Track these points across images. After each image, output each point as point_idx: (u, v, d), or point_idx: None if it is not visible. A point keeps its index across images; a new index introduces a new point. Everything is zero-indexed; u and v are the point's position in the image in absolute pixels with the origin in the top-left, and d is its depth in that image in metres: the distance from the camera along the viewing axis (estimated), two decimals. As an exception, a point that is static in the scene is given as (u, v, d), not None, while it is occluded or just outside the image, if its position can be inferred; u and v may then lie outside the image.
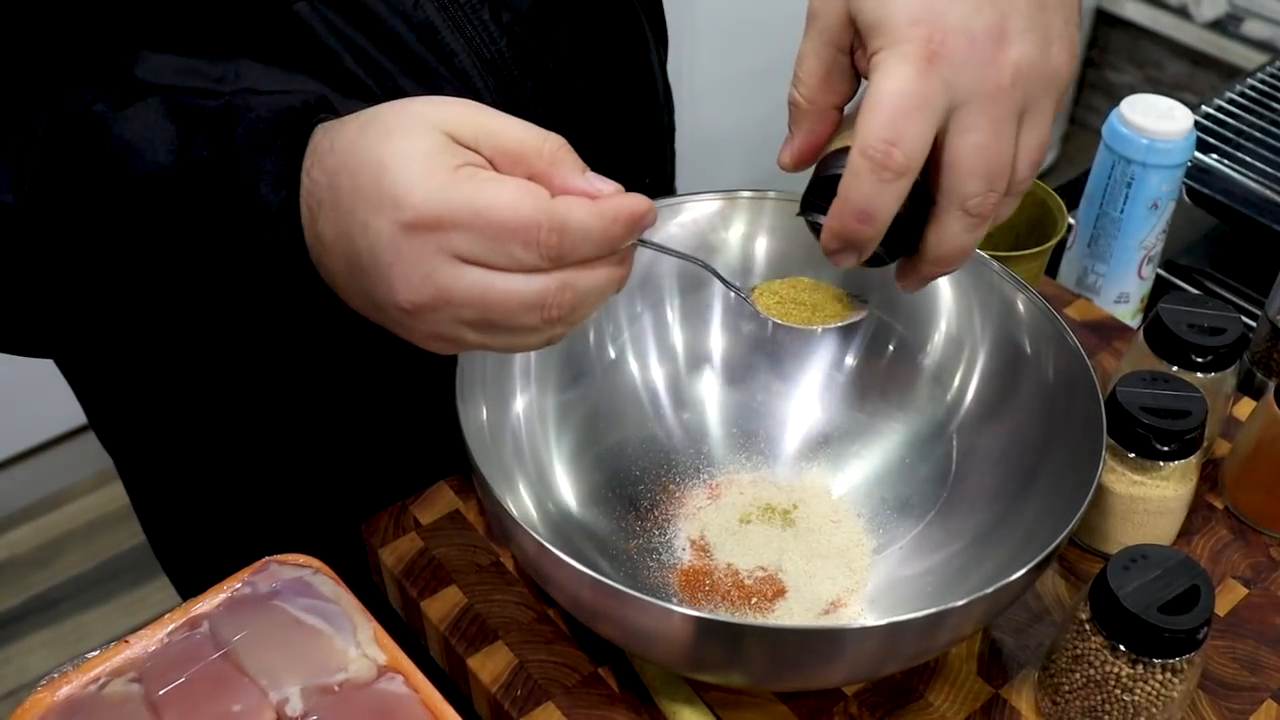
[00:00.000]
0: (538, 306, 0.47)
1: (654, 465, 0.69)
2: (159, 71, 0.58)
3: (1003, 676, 0.62)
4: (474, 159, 0.47)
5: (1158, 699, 0.56)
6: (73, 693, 0.55)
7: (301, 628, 0.57)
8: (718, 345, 0.71)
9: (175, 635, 0.57)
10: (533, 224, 0.45)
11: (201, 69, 0.59)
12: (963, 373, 0.67)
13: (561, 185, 0.47)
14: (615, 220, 0.47)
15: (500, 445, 0.63)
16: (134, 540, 1.83)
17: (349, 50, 0.61)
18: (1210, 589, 0.55)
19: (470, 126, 0.47)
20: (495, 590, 0.65)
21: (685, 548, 0.66)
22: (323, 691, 0.55)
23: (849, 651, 0.53)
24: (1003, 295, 0.65)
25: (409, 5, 0.62)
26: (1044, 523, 0.57)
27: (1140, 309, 0.89)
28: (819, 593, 0.64)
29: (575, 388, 0.68)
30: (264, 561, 0.60)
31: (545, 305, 0.47)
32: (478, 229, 0.45)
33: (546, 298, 0.47)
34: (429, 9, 0.62)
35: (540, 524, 0.62)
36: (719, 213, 0.69)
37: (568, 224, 0.46)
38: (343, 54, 0.60)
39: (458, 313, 0.47)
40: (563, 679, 0.61)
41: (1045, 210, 0.82)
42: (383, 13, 0.61)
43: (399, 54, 0.62)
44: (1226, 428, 0.74)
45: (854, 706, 0.61)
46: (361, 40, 0.61)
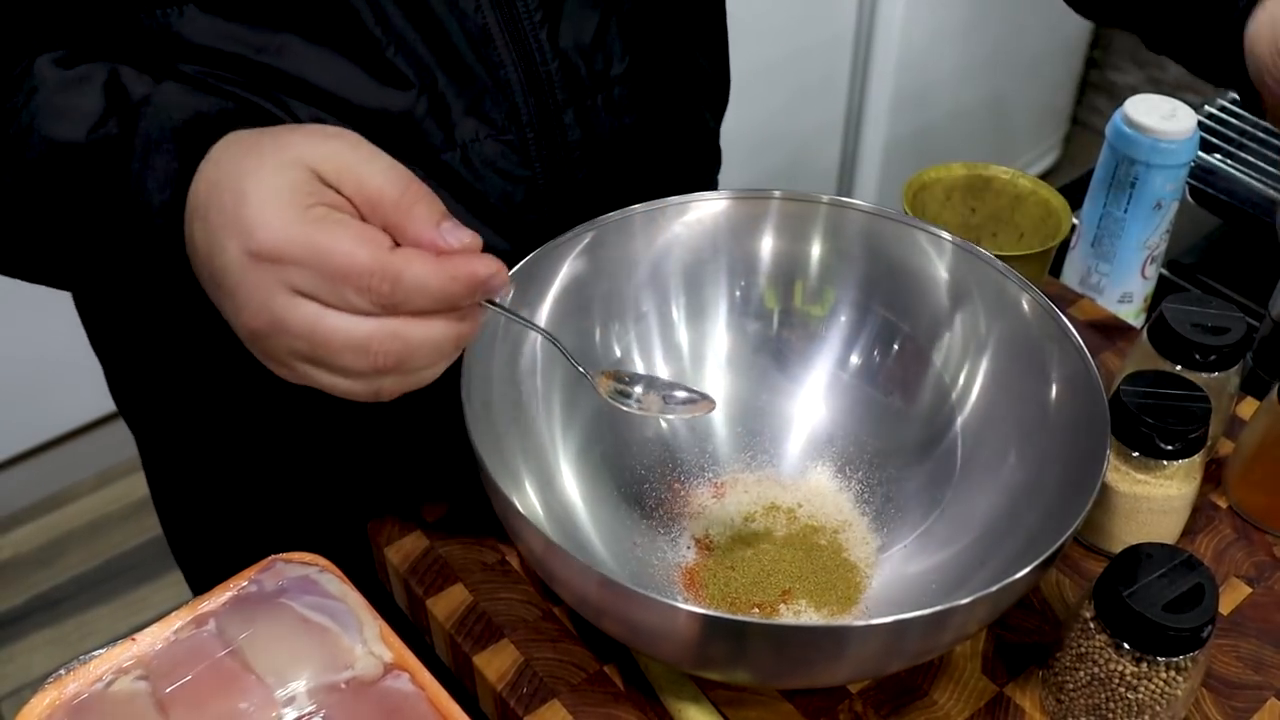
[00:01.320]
0: (364, 350, 0.48)
1: (659, 464, 0.69)
2: (199, 31, 0.59)
3: (1007, 675, 0.62)
4: (332, 199, 0.48)
5: (1161, 697, 0.56)
6: (80, 690, 0.55)
7: (308, 626, 0.57)
8: (723, 344, 0.71)
9: (182, 633, 0.57)
10: (366, 271, 0.46)
11: (243, 36, 0.59)
12: (967, 372, 0.68)
13: (414, 236, 0.48)
14: (454, 279, 0.47)
15: (506, 443, 0.63)
16: (136, 539, 1.83)
17: (394, 41, 0.61)
18: (1214, 588, 0.55)
19: (336, 165, 0.48)
20: (501, 588, 0.65)
21: (690, 546, 0.66)
22: (329, 689, 0.55)
23: (854, 649, 0.53)
24: (1007, 295, 0.65)
25: (470, 8, 0.62)
26: (1048, 521, 0.57)
27: (1144, 309, 0.89)
28: (823, 592, 0.64)
29: (581, 385, 0.68)
30: (270, 560, 0.61)
31: (371, 351, 0.48)
32: (314, 268, 0.47)
33: (372, 344, 0.47)
34: (489, 16, 0.62)
35: (546, 522, 0.62)
36: (724, 212, 0.69)
37: (402, 276, 0.47)
38: (386, 45, 0.61)
39: (290, 343, 0.48)
40: (568, 677, 0.61)
41: (1049, 210, 0.82)
42: (440, 10, 0.61)
43: (446, 54, 0.62)
44: (1230, 427, 0.75)
45: (859, 704, 0.61)
46: (410, 33, 0.61)
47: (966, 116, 2.15)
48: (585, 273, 0.67)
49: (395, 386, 0.50)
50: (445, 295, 0.48)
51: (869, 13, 1.91)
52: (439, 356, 0.50)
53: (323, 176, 0.48)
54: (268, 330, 0.48)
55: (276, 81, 0.61)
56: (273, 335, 0.48)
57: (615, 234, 0.67)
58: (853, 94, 2.00)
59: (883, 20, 1.90)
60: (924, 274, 0.68)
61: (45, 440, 1.81)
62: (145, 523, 1.85)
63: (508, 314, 0.54)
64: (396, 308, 0.47)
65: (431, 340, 0.49)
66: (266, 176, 0.48)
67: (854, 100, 2.01)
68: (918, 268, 0.68)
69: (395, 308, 0.47)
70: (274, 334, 0.48)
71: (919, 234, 0.68)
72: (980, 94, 2.14)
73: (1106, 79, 2.47)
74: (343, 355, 0.48)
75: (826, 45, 1.90)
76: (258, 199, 0.48)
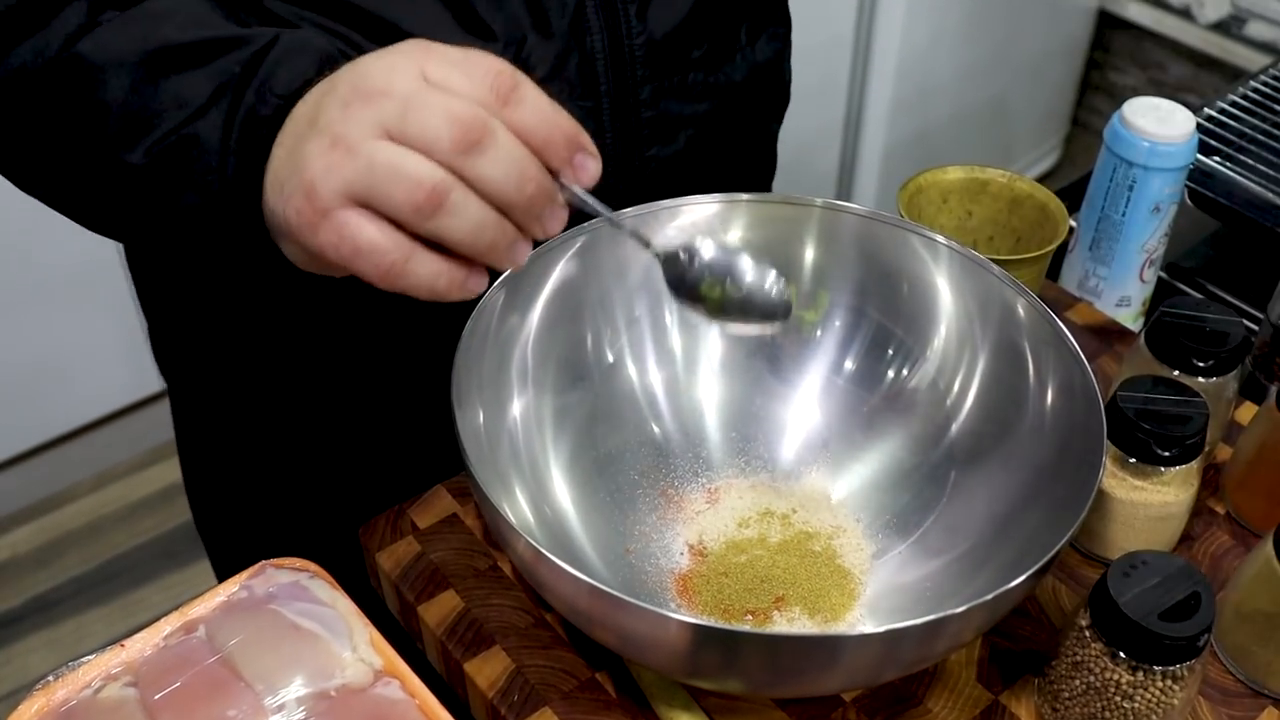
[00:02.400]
0: (456, 121, 0.47)
1: (652, 469, 0.69)
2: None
3: (1002, 683, 0.62)
4: None
5: (1158, 706, 0.56)
6: (68, 697, 0.55)
7: (298, 632, 0.57)
8: (716, 348, 0.71)
9: (171, 639, 0.57)
10: (499, 67, 0.48)
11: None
12: (963, 377, 0.67)
13: None
14: (560, 113, 0.49)
15: (497, 449, 0.63)
16: (134, 541, 1.83)
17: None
18: (1211, 595, 0.55)
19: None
20: (492, 595, 0.65)
21: (683, 552, 0.66)
22: (319, 696, 0.54)
23: (847, 658, 0.52)
24: (1003, 299, 0.65)
25: None
26: (1044, 528, 0.57)
27: (1142, 313, 0.89)
28: (817, 599, 0.63)
29: (573, 391, 0.67)
30: (260, 565, 0.60)
31: (463, 123, 0.47)
32: (453, 59, 0.48)
33: (465, 117, 0.47)
34: None
35: (537, 528, 0.62)
36: (718, 215, 0.69)
37: (525, 83, 0.49)
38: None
39: (384, 108, 0.47)
40: (560, 684, 0.61)
41: (1046, 213, 0.81)
42: None
43: (538, 14, 0.64)
44: (1228, 432, 0.74)
45: (853, 713, 0.60)
46: None
47: (966, 119, 2.14)
48: (577, 277, 0.66)
49: (445, 186, 0.47)
50: (551, 120, 0.49)
51: (868, 14, 1.90)
52: (506, 173, 0.48)
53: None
54: (371, 93, 0.48)
55: (362, 22, 0.61)
56: (372, 98, 0.48)
57: (607, 238, 0.67)
58: (852, 96, 2.00)
59: (882, 22, 1.90)
60: (919, 278, 0.68)
61: (43, 441, 1.81)
62: (143, 525, 1.85)
63: (581, 198, 0.52)
64: (507, 100, 0.48)
65: (515, 152, 0.48)
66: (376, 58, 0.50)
67: (853, 102, 2.00)
68: (913, 272, 0.68)
69: (506, 99, 0.48)
70: (375, 98, 0.48)
71: (914, 238, 0.67)
72: (980, 96, 2.14)
73: (1107, 80, 2.47)
74: (431, 117, 0.47)
75: (826, 47, 1.90)
76: (370, 62, 0.49)
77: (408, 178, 0.47)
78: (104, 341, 1.77)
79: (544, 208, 0.50)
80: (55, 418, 1.80)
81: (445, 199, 0.47)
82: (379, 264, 0.49)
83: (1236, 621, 0.62)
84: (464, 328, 0.60)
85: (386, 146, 0.47)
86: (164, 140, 0.53)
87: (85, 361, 1.76)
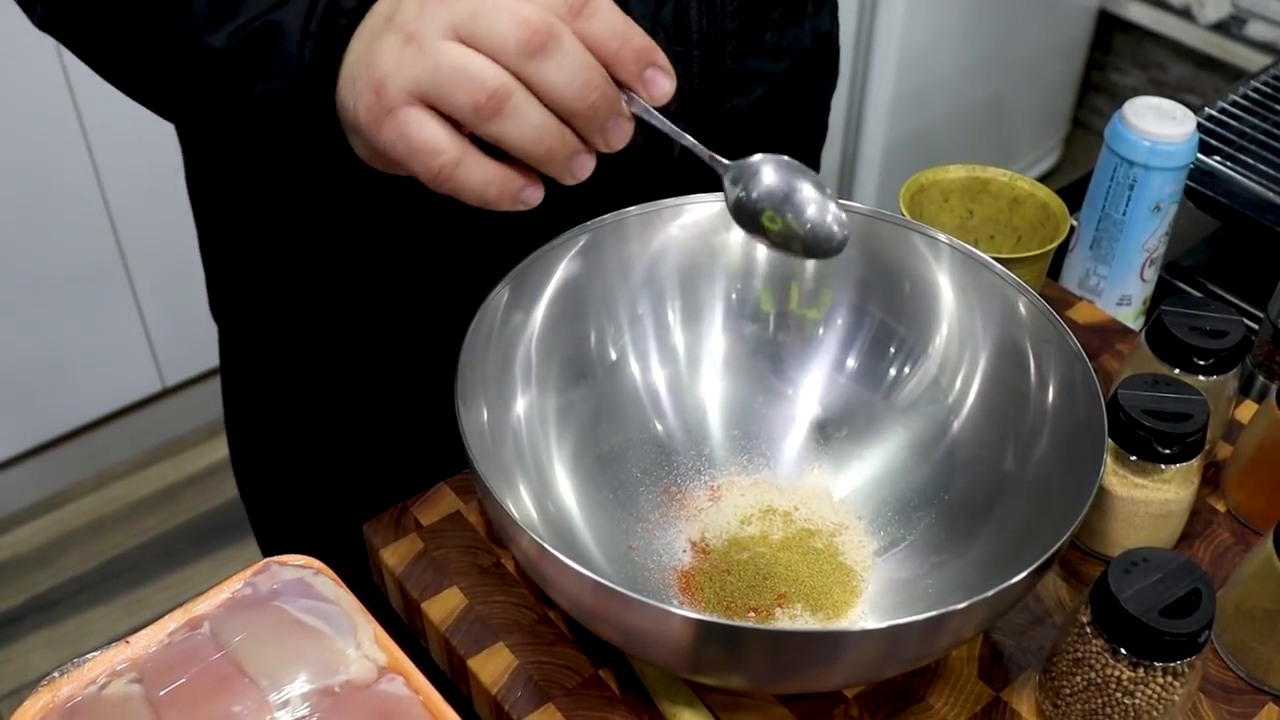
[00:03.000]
0: (524, 24, 0.47)
1: (655, 467, 0.69)
2: None
3: (1003, 679, 0.62)
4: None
5: (1159, 702, 0.56)
6: (73, 693, 0.55)
7: (302, 629, 0.57)
8: (719, 347, 0.71)
9: (176, 636, 0.57)
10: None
11: None
12: (964, 375, 0.67)
13: None
14: (633, 28, 0.49)
15: (501, 446, 0.63)
16: (135, 540, 1.83)
17: None
18: (1212, 592, 0.55)
19: None
20: (496, 592, 0.65)
21: (686, 549, 0.66)
22: (323, 693, 0.55)
23: (849, 654, 0.53)
24: (1004, 297, 0.65)
25: None
26: (1045, 525, 0.57)
27: (1142, 311, 0.89)
28: (819, 596, 0.64)
29: (576, 389, 0.68)
30: (264, 562, 0.60)
31: (531, 25, 0.47)
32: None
33: (534, 20, 0.47)
34: None
35: (541, 525, 0.62)
36: (721, 215, 0.69)
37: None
38: None
39: (454, 7, 0.48)
40: (563, 681, 0.61)
41: (1047, 212, 0.82)
42: None
43: None
44: (1228, 431, 0.74)
45: (854, 709, 0.61)
46: None
47: (967, 118, 2.15)
48: (580, 275, 0.67)
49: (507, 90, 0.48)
50: (624, 34, 0.49)
51: (869, 14, 1.90)
52: (571, 78, 0.48)
53: None
54: (407, 43, 0.48)
55: None
56: (406, 60, 0.48)
57: (610, 236, 0.67)
58: (853, 95, 2.00)
59: (883, 21, 1.90)
60: (921, 277, 0.68)
61: (44, 440, 1.81)
62: (144, 524, 1.86)
63: (649, 113, 0.52)
64: (580, 12, 0.48)
65: (580, 57, 0.48)
66: None
67: (854, 102, 2.01)
68: (915, 270, 0.68)
69: (579, 10, 0.48)
70: (408, 60, 0.48)
71: (916, 236, 0.68)
72: (981, 95, 2.14)
73: (1108, 80, 2.47)
74: (500, 19, 0.47)
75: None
76: None
77: (471, 78, 0.48)
78: (105, 341, 1.77)
79: (608, 119, 0.50)
80: (56, 417, 1.80)
81: (506, 101, 0.48)
82: (430, 164, 0.49)
83: (1237, 618, 0.62)
84: (468, 325, 0.60)
85: (454, 47, 0.48)
86: (247, 25, 0.54)
87: (86, 361, 1.76)
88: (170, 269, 1.76)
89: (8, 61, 1.49)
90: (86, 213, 1.66)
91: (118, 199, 1.67)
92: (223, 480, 1.90)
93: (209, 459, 1.94)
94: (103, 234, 1.68)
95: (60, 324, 1.71)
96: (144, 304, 1.77)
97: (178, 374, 1.88)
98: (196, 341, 1.84)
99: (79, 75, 1.54)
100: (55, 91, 1.56)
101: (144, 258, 1.74)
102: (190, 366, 1.88)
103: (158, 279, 1.77)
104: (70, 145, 1.60)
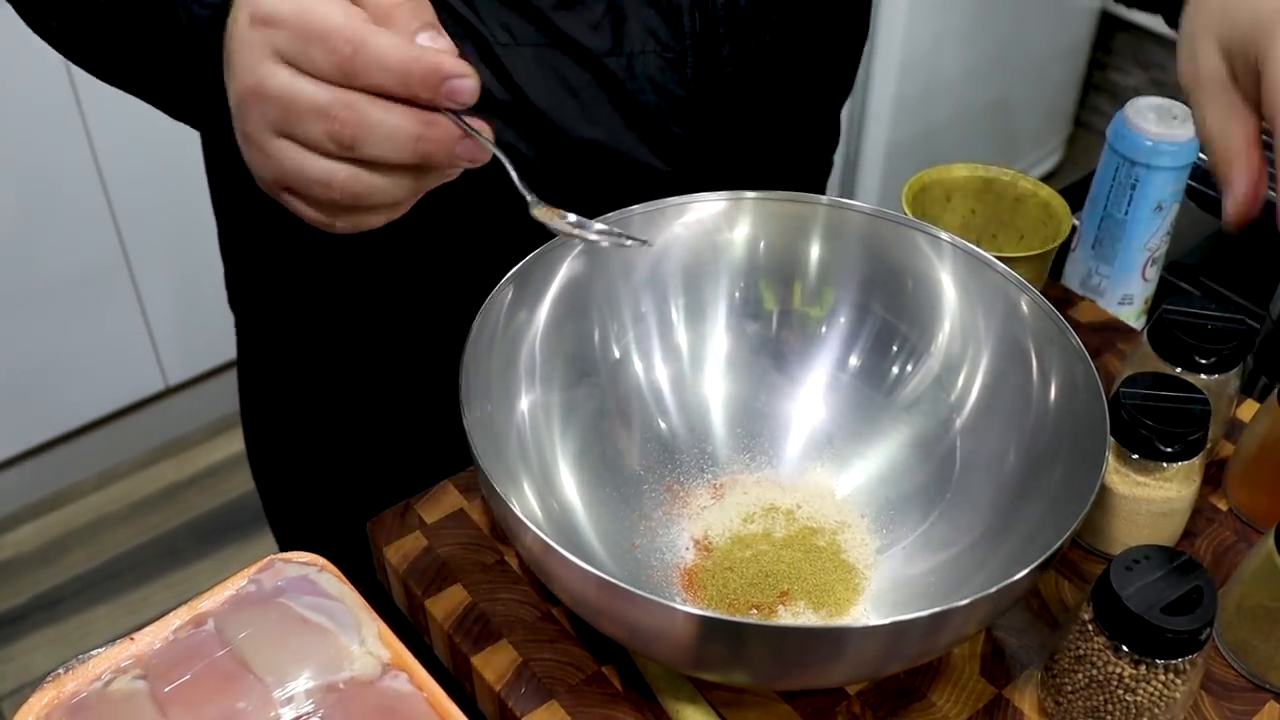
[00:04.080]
0: (324, 114, 0.48)
1: (658, 464, 0.69)
2: None
3: (1006, 676, 0.62)
4: None
5: (1160, 699, 0.56)
6: (78, 689, 0.55)
7: (306, 625, 0.57)
8: (722, 345, 0.71)
9: (180, 632, 0.57)
10: (334, 30, 0.47)
11: None
12: (966, 373, 0.68)
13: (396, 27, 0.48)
14: (417, 60, 0.47)
15: (505, 444, 0.63)
16: (137, 539, 1.83)
17: None
18: (1213, 590, 0.55)
19: None
20: (499, 589, 0.65)
21: (689, 547, 0.66)
22: (328, 689, 0.55)
23: (852, 651, 0.53)
24: (1006, 296, 0.65)
25: None
26: (1047, 523, 0.57)
27: (1144, 311, 0.89)
28: (822, 593, 0.64)
29: (580, 387, 0.68)
30: (269, 559, 0.61)
31: (331, 116, 0.47)
32: (293, 29, 0.48)
33: (333, 108, 0.47)
34: None
35: (544, 522, 0.62)
36: (724, 213, 0.69)
37: (366, 42, 0.47)
38: None
39: (266, 110, 0.49)
40: (566, 678, 0.61)
41: (1049, 212, 0.82)
42: None
43: None
44: (1230, 429, 0.74)
45: (857, 706, 0.61)
46: None
47: (970, 118, 2.15)
48: (584, 274, 0.67)
49: (351, 183, 0.49)
50: (404, 73, 0.47)
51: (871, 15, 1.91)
52: (395, 150, 0.48)
53: None
54: (252, 94, 0.49)
55: None
56: (254, 101, 0.49)
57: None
58: (855, 96, 2.00)
59: (885, 22, 1.91)
60: (924, 275, 0.68)
61: (47, 439, 1.82)
62: (146, 523, 1.86)
63: (467, 129, 0.50)
64: (355, 75, 0.47)
65: (388, 125, 0.48)
66: None
67: (856, 102, 2.01)
68: (917, 269, 0.68)
69: (354, 75, 0.47)
70: (255, 99, 0.49)
71: (918, 235, 0.68)
72: (983, 96, 2.14)
73: (1109, 80, 2.47)
74: (306, 120, 0.48)
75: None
76: None
77: (316, 180, 0.49)
78: (108, 340, 1.77)
79: (447, 156, 0.50)
80: (58, 416, 1.80)
81: (356, 188, 0.49)
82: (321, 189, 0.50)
83: (1238, 616, 0.62)
84: (472, 324, 0.60)
85: (288, 148, 0.49)
86: None
87: (89, 360, 1.77)
88: (173, 268, 1.77)
89: (11, 62, 1.50)
90: (90, 212, 1.66)
91: (121, 198, 1.67)
92: (225, 479, 1.91)
93: (212, 458, 1.94)
94: (106, 233, 1.69)
95: (63, 323, 1.71)
96: (147, 303, 1.78)
97: (181, 373, 1.88)
98: (199, 341, 1.84)
99: (83, 75, 1.55)
100: (59, 91, 1.56)
101: (147, 257, 1.74)
102: (193, 366, 1.89)
103: (161, 278, 1.77)
104: (74, 145, 1.60)
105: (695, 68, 0.70)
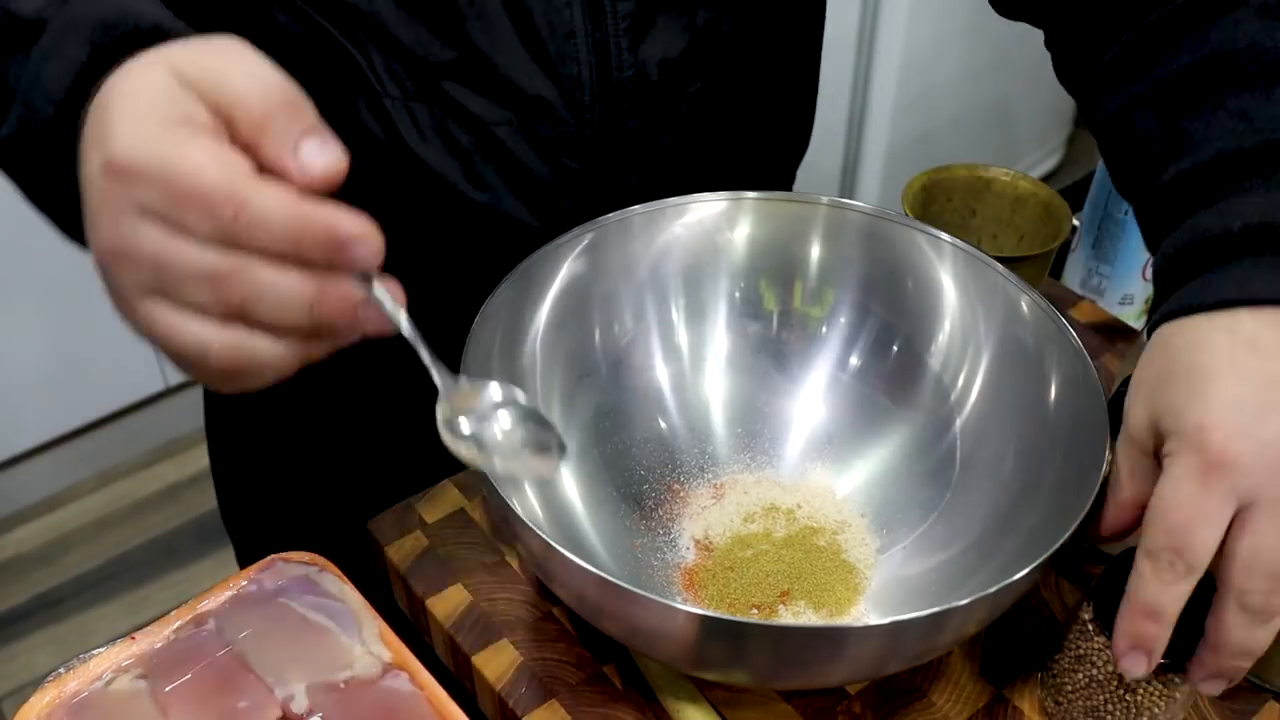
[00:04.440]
0: (209, 280, 0.41)
1: (658, 464, 0.69)
2: None
3: (1005, 676, 0.62)
4: (194, 110, 0.42)
5: (1160, 699, 0.56)
6: (80, 689, 0.55)
7: (307, 625, 0.58)
8: (722, 345, 0.71)
9: (182, 632, 0.58)
10: (210, 191, 0.41)
11: None
12: (966, 374, 0.68)
13: (268, 156, 0.42)
14: (307, 221, 0.41)
15: (505, 444, 0.63)
16: (138, 539, 1.83)
17: (479, 15, 0.63)
18: (1213, 589, 0.55)
19: (199, 70, 0.43)
20: (500, 589, 0.65)
21: (689, 547, 0.66)
22: (328, 689, 0.55)
23: (852, 650, 0.53)
24: (1007, 297, 0.65)
25: (560, 1, 0.64)
26: (1047, 523, 0.57)
27: (1144, 311, 0.89)
28: (822, 593, 0.64)
29: (580, 387, 0.68)
30: (270, 559, 0.61)
31: (217, 282, 0.41)
32: (162, 187, 0.41)
33: (219, 273, 0.41)
34: (576, 12, 0.64)
35: (545, 522, 0.62)
36: (724, 213, 0.69)
37: (247, 202, 0.41)
38: (470, 16, 0.63)
39: (136, 274, 0.42)
40: (567, 677, 0.61)
41: (1049, 212, 0.82)
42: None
43: (528, 36, 0.65)
44: (1230, 429, 0.74)
45: (857, 705, 0.61)
46: (496, 10, 0.64)
47: (969, 119, 2.15)
48: (584, 274, 0.67)
49: (229, 354, 0.43)
50: (292, 237, 0.41)
51: (871, 15, 1.91)
52: (289, 314, 0.42)
53: (187, 82, 0.42)
54: (116, 254, 0.43)
55: (362, 24, 0.63)
56: (120, 261, 0.43)
57: (614, 235, 0.67)
58: (855, 96, 2.00)
59: (885, 22, 1.91)
60: (924, 275, 0.68)
61: (47, 439, 1.82)
62: (147, 522, 1.86)
63: (371, 295, 0.44)
64: (239, 239, 0.41)
65: (280, 289, 0.41)
66: (132, 83, 0.43)
67: (856, 103, 2.01)
68: (918, 269, 0.68)
69: (237, 239, 0.41)
70: (121, 260, 0.43)
71: (919, 235, 0.68)
72: (983, 97, 2.14)
73: (1109, 81, 2.47)
74: (187, 286, 0.42)
75: (828, 47, 1.89)
76: (119, 107, 0.43)
77: (190, 351, 0.43)
78: (108, 340, 1.77)
79: (351, 314, 0.44)
80: (59, 416, 1.80)
81: (236, 360, 0.43)
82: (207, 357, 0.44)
83: (1238, 616, 0.62)
84: (473, 323, 0.60)
85: (159, 310, 0.43)
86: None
87: (90, 360, 1.77)
88: (173, 268, 1.76)
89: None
90: (90, 212, 1.66)
91: (121, 198, 1.67)
92: (226, 479, 1.91)
93: (212, 458, 1.94)
94: (106, 233, 1.69)
95: (63, 323, 1.71)
96: (147, 303, 1.78)
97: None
98: (200, 341, 1.84)
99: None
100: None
101: (147, 257, 1.74)
102: (193, 366, 1.89)
103: (161, 278, 1.77)
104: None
105: (594, 142, 0.67)
